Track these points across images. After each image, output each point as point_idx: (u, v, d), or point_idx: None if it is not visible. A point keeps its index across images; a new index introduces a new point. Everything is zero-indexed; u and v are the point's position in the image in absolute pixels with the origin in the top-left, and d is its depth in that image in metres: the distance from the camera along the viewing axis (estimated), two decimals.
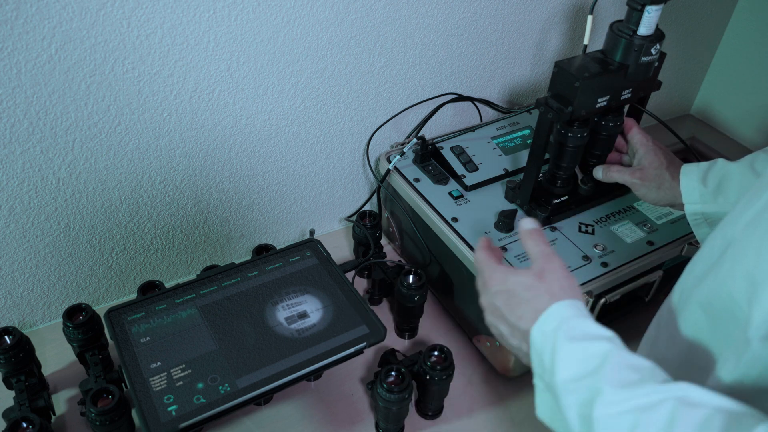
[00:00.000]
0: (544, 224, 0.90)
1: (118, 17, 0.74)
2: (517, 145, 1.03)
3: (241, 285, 0.81)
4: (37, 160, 0.79)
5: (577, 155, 0.88)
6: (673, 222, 0.93)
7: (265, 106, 0.91)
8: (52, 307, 0.94)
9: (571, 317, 0.54)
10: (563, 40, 1.16)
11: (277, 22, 0.84)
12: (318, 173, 1.05)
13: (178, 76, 0.82)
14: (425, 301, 0.90)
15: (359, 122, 1.03)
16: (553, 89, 0.81)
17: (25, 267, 0.88)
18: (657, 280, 0.90)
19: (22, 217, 0.83)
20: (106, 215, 0.89)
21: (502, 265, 0.63)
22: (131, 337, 0.74)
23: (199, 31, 0.80)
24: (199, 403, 0.68)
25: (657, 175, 0.82)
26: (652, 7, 0.75)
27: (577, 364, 0.50)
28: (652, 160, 0.83)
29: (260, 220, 1.04)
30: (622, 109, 0.89)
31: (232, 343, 0.74)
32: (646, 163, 0.84)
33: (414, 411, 0.84)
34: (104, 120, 0.80)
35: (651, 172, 0.83)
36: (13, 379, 0.77)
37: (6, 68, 0.71)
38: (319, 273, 0.84)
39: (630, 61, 0.79)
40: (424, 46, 1.00)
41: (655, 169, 0.83)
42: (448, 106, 1.10)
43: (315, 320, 0.78)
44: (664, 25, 0.82)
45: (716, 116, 1.48)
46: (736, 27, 1.37)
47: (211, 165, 0.93)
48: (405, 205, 0.99)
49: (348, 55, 0.94)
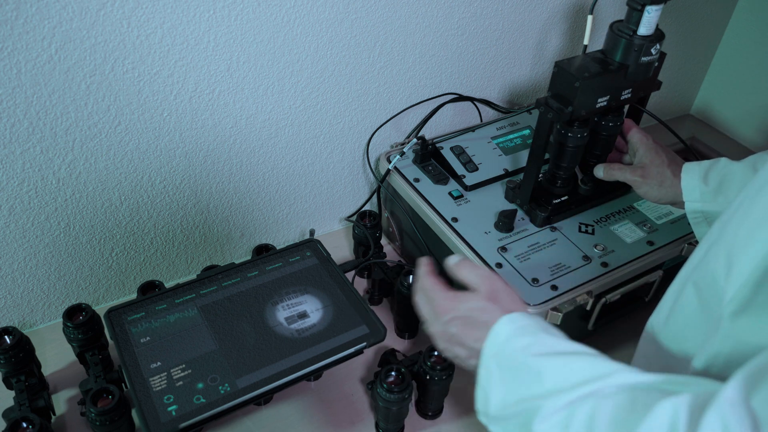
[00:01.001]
0: (544, 224, 0.90)
1: (118, 17, 0.74)
2: (517, 145, 1.03)
3: (241, 285, 0.81)
4: (37, 160, 0.79)
5: (577, 155, 0.88)
6: (673, 222, 0.93)
7: (265, 106, 0.91)
8: (52, 307, 0.94)
9: (513, 337, 0.56)
10: (563, 40, 1.16)
11: (277, 22, 0.84)
12: (318, 173, 1.05)
13: (178, 76, 0.82)
14: None
15: (359, 122, 1.03)
16: (553, 89, 0.81)
17: (25, 267, 0.88)
18: (657, 280, 0.90)
19: (22, 217, 0.83)
20: (106, 215, 0.89)
21: (449, 291, 0.63)
22: (131, 337, 0.74)
23: (199, 31, 0.80)
24: (199, 403, 0.68)
25: (658, 173, 0.82)
26: (652, 7, 0.75)
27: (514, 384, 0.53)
28: (653, 158, 0.84)
29: (260, 220, 1.04)
30: (622, 109, 0.89)
31: (232, 343, 0.74)
32: (647, 161, 0.84)
33: (414, 411, 0.84)
34: (104, 120, 0.80)
35: (652, 170, 0.83)
36: (13, 379, 0.77)
37: (6, 68, 0.71)
38: (319, 273, 0.84)
39: (630, 61, 0.79)
40: (424, 46, 1.00)
41: (657, 166, 0.83)
42: (448, 106, 1.10)
43: (315, 320, 0.78)
44: (664, 25, 0.82)
45: (716, 116, 1.48)
46: (736, 27, 1.37)
47: (211, 165, 0.93)
48: (405, 205, 0.99)
49: (348, 55, 0.94)
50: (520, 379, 0.53)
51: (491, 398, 0.55)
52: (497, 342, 0.56)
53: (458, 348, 0.61)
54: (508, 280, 0.82)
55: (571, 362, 0.51)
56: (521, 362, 0.53)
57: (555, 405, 0.48)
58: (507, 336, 0.56)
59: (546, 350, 0.53)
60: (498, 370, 0.55)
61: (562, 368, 0.51)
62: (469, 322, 0.59)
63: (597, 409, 0.46)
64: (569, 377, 0.50)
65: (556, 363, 0.51)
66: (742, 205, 0.51)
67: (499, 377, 0.55)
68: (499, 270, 0.83)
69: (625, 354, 0.83)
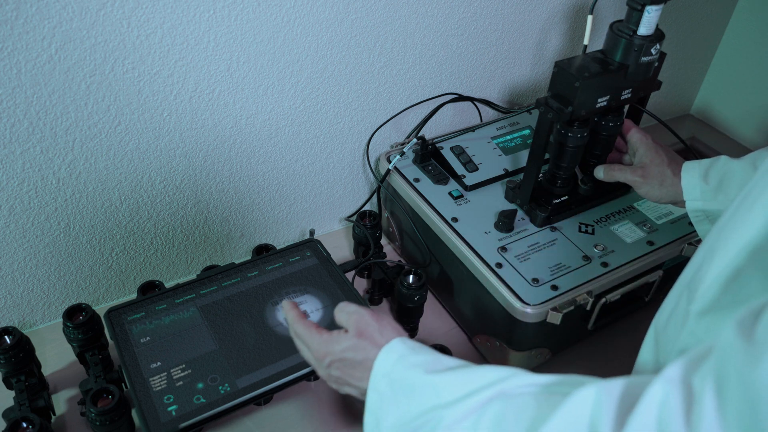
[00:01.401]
0: (544, 224, 0.90)
1: (118, 17, 0.74)
2: (517, 145, 1.03)
3: (241, 285, 0.81)
4: (37, 160, 0.79)
5: (577, 155, 0.88)
6: (673, 222, 0.93)
7: (265, 106, 0.91)
8: (52, 307, 0.94)
9: (397, 363, 0.55)
10: (563, 40, 1.16)
11: (277, 22, 0.84)
12: (318, 173, 1.05)
13: (178, 76, 0.82)
14: (425, 300, 0.90)
15: (359, 122, 1.03)
16: (553, 89, 0.81)
17: (25, 267, 0.88)
18: (657, 280, 0.90)
19: (22, 217, 0.83)
20: (106, 215, 0.89)
21: (320, 334, 0.62)
22: (131, 337, 0.74)
23: (199, 31, 0.80)
24: (199, 403, 0.68)
25: (659, 173, 0.82)
26: (652, 7, 0.75)
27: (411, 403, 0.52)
28: (653, 158, 0.83)
29: (260, 220, 1.04)
30: (622, 109, 0.89)
31: (232, 343, 0.74)
32: (647, 161, 0.84)
33: None
34: (104, 120, 0.80)
35: (653, 170, 0.83)
36: (13, 379, 0.77)
37: (6, 68, 0.71)
38: (319, 273, 0.84)
39: (630, 61, 0.79)
40: (424, 46, 1.00)
41: (657, 166, 0.83)
42: (448, 106, 1.10)
43: (315, 320, 0.78)
44: (664, 25, 0.82)
45: (716, 116, 1.48)
46: (736, 27, 1.37)
47: (211, 165, 0.93)
48: (405, 205, 0.99)
49: (348, 55, 0.94)
50: (415, 395, 0.51)
51: (383, 421, 0.53)
52: (381, 372, 0.55)
53: (347, 387, 0.61)
54: (509, 280, 0.82)
55: (466, 373, 0.50)
56: (414, 381, 0.52)
57: (458, 412, 0.47)
58: (391, 365, 0.55)
59: (437, 367, 0.52)
60: (390, 391, 0.53)
61: (458, 378, 0.50)
62: (347, 363, 0.59)
63: (506, 407, 0.45)
64: (468, 385, 0.49)
65: (450, 376, 0.51)
66: (739, 209, 0.51)
67: (391, 397, 0.53)
68: (499, 270, 0.83)
69: (624, 354, 0.83)
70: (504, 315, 0.81)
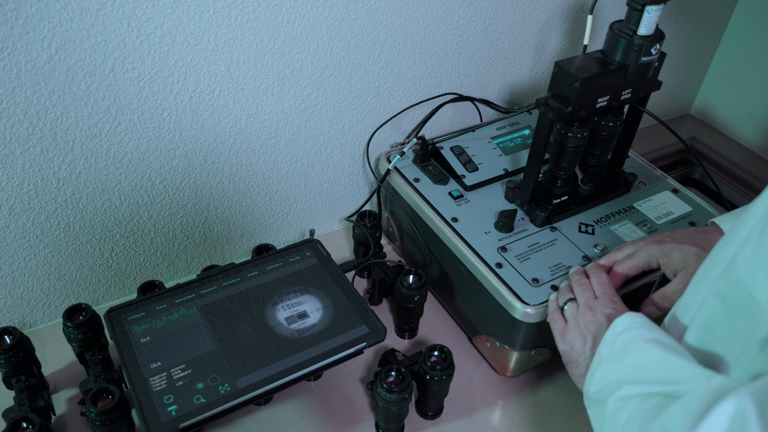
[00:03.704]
0: (544, 224, 0.90)
1: (118, 17, 0.74)
2: (517, 145, 1.03)
3: (241, 285, 0.81)
4: (37, 160, 0.79)
5: (577, 155, 0.88)
6: (674, 222, 0.93)
7: (265, 106, 0.91)
8: (52, 307, 0.94)
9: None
10: (563, 40, 1.16)
11: (277, 22, 0.84)
12: (318, 173, 1.05)
13: (178, 76, 0.82)
14: (425, 301, 0.90)
15: (359, 122, 1.03)
16: (553, 89, 0.81)
17: (25, 267, 0.88)
18: (657, 280, 0.90)
19: (22, 217, 0.83)
20: (106, 215, 0.89)
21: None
22: (131, 337, 0.74)
23: (199, 31, 0.80)
24: (199, 403, 0.68)
25: (696, 254, 0.74)
26: (652, 7, 0.75)
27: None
28: (681, 261, 0.75)
29: (260, 220, 1.04)
30: (622, 109, 0.89)
31: (232, 343, 0.74)
32: (682, 266, 0.75)
33: (414, 411, 0.84)
34: (104, 120, 0.80)
35: (691, 265, 0.74)
36: (13, 379, 0.77)
37: (6, 68, 0.71)
38: (319, 273, 0.84)
39: (630, 61, 0.79)
40: (424, 46, 1.00)
41: (692, 258, 0.74)
42: (448, 106, 1.10)
43: (315, 320, 0.78)
44: (664, 25, 0.82)
45: (716, 116, 1.48)
46: (737, 27, 1.37)
47: (211, 165, 0.93)
48: (405, 205, 0.99)
49: (348, 55, 0.94)
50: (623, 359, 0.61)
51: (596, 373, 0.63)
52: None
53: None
54: (509, 280, 0.82)
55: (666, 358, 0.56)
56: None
57: (632, 391, 0.55)
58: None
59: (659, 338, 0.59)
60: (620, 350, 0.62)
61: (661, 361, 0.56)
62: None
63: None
64: (657, 373, 0.56)
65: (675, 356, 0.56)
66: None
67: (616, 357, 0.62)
68: (499, 270, 0.83)
69: None
70: (504, 315, 0.81)
